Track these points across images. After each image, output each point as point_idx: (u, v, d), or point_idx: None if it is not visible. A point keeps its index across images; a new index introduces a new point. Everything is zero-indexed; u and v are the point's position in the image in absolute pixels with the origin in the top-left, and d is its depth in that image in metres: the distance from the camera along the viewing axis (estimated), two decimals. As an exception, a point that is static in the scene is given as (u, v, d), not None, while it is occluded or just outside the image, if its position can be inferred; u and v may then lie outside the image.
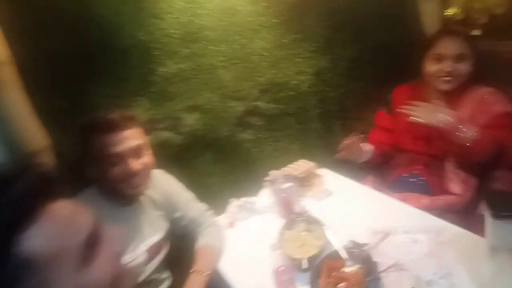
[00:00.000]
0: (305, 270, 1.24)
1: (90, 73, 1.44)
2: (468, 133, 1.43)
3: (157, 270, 1.40)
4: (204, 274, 1.30)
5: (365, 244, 1.28)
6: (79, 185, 1.26)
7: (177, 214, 1.45)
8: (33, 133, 1.34)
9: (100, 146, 1.16)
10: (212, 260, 1.39)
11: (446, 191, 1.65)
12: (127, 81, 1.50)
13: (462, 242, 1.24)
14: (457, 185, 1.63)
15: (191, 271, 1.30)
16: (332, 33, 1.87)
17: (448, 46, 1.53)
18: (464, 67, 1.53)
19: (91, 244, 0.53)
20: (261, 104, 1.80)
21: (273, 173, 1.71)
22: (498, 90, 1.57)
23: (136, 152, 1.21)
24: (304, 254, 1.29)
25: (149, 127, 1.58)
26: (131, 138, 1.20)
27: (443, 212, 1.56)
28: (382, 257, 1.24)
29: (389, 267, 1.19)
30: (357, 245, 1.28)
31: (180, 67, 1.58)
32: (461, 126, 1.44)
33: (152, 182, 1.39)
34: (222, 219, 1.63)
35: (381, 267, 1.20)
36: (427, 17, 2.15)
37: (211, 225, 1.49)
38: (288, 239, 1.39)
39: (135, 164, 1.20)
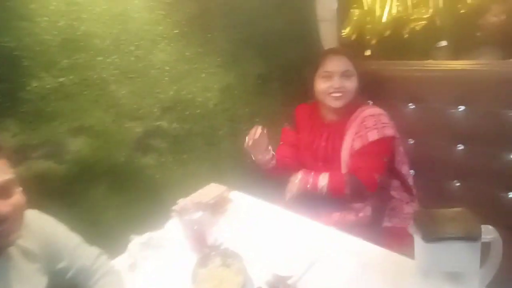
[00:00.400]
0: (226, 316, 1.05)
1: None
2: (321, 183, 1.57)
3: None
4: None
5: (289, 277, 1.14)
6: None
7: (61, 265, 1.14)
8: None
9: None
10: None
11: (352, 207, 1.65)
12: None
13: (388, 263, 1.18)
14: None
15: None
16: (238, 48, 1.76)
17: (335, 64, 1.63)
18: (351, 84, 1.63)
19: None
20: (163, 123, 1.58)
21: (181, 202, 1.50)
22: (383, 110, 1.66)
23: (1, 191, 0.91)
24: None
25: (19, 156, 1.25)
26: None
27: (356, 226, 1.55)
28: (308, 287, 1.12)
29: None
30: (280, 279, 1.13)
31: (60, 81, 1.29)
32: (310, 180, 1.58)
33: (24, 228, 1.07)
34: (121, 261, 1.35)
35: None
36: (326, 37, 2.19)
37: (107, 273, 1.21)
38: (204, 279, 1.19)
39: (2, 206, 0.90)
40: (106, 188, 1.44)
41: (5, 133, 1.21)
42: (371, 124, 1.59)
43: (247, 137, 1.60)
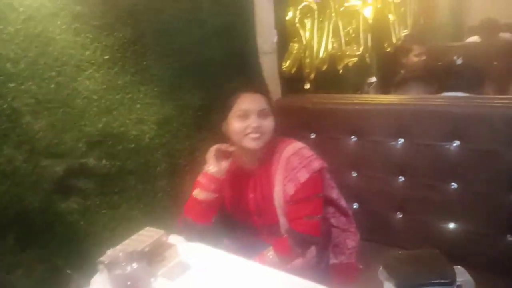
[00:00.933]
0: None
1: None
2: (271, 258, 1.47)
3: None
4: None
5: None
6: None
7: None
8: None
9: None
10: None
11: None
12: None
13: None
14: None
15: None
16: (176, 78, 1.62)
17: (251, 102, 1.51)
18: (268, 123, 1.51)
19: None
20: (90, 160, 1.35)
21: (111, 252, 1.28)
22: (300, 142, 1.59)
23: None
24: None
25: None
26: None
27: (303, 269, 1.46)
28: None
29: None
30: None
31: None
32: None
33: None
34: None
35: None
36: (267, 69, 2.16)
37: None
38: None
39: None
40: (15, 241, 1.17)
41: None
42: (296, 163, 1.50)
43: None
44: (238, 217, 1.63)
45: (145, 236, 1.45)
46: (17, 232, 1.19)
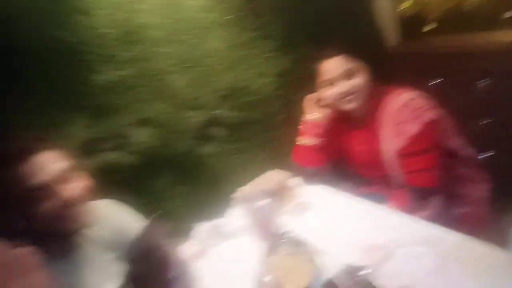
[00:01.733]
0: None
1: (3, 85, 1.09)
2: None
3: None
4: None
5: (362, 267, 1.04)
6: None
7: None
8: None
9: (15, 183, 0.87)
10: None
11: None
12: (53, 93, 1.17)
13: (472, 253, 1.04)
14: None
15: None
16: (293, 30, 1.66)
17: (332, 68, 1.42)
18: (357, 81, 1.41)
19: None
20: (222, 112, 1.53)
21: (243, 190, 1.45)
22: (419, 92, 1.43)
23: (62, 177, 0.93)
24: (295, 285, 1.03)
25: (89, 149, 1.26)
26: (50, 163, 0.92)
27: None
28: (384, 280, 1.01)
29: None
30: (353, 270, 1.03)
31: (121, 74, 1.28)
32: None
33: (96, 218, 1.08)
34: (188, 247, 1.33)
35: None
36: (382, 13, 2.03)
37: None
38: (273, 268, 1.13)
39: (67, 191, 0.92)
40: (171, 177, 1.43)
41: (74, 126, 1.22)
42: (406, 116, 1.38)
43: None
44: (348, 168, 1.63)
45: (271, 177, 1.60)
46: (172, 171, 1.44)
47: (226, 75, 1.52)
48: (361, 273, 1.02)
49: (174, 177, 1.43)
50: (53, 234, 0.94)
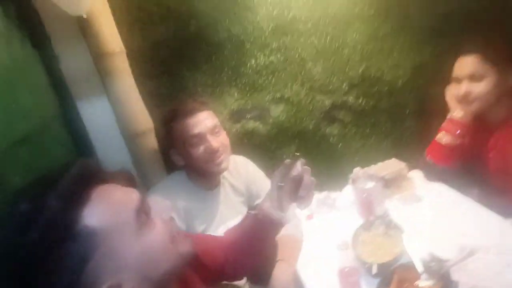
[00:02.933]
0: (374, 276, 1.15)
1: (189, 62, 1.53)
2: None
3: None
4: (291, 264, 1.28)
5: (447, 260, 1.13)
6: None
7: (258, 201, 1.47)
8: (140, 116, 1.50)
9: (181, 131, 1.26)
10: (296, 250, 1.36)
11: None
12: (220, 71, 1.56)
13: None
14: None
15: (277, 259, 1.28)
16: (437, 23, 1.65)
17: (462, 67, 1.40)
18: (481, 88, 1.37)
19: (142, 215, 0.62)
20: (350, 98, 1.70)
21: (357, 171, 1.62)
22: None
23: (212, 131, 1.28)
24: (376, 259, 1.20)
25: (238, 117, 1.64)
26: (206, 119, 1.27)
27: None
28: (464, 277, 1.08)
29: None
30: (436, 260, 1.13)
31: (270, 60, 1.58)
32: None
33: (234, 169, 1.44)
34: (300, 212, 1.60)
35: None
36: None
37: (293, 216, 1.47)
38: (363, 241, 1.31)
39: (215, 141, 1.27)
40: (295, 149, 1.71)
41: (230, 98, 1.60)
42: None
43: None
44: (478, 173, 1.56)
45: (389, 165, 1.70)
46: (298, 143, 1.71)
47: (359, 65, 1.66)
48: (443, 264, 1.12)
49: (299, 149, 1.70)
50: (202, 171, 1.33)
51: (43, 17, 1.35)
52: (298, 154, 0.91)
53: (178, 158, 1.33)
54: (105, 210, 0.57)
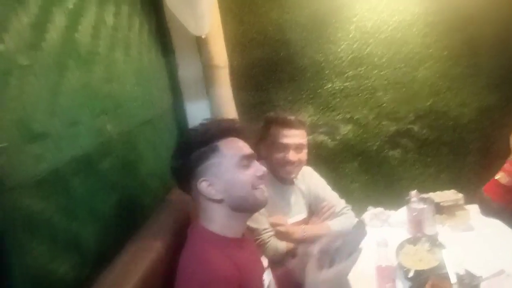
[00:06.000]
0: (409, 279, 1.31)
1: (276, 81, 1.86)
2: None
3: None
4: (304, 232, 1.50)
5: (479, 277, 1.24)
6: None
7: (318, 206, 1.69)
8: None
9: (275, 135, 1.52)
10: (318, 232, 1.54)
11: None
12: (300, 91, 1.86)
13: None
14: None
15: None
16: (506, 71, 1.77)
17: None
18: None
19: (245, 160, 0.98)
20: (415, 128, 1.87)
21: (412, 193, 1.76)
22: None
23: (297, 148, 1.52)
24: (413, 265, 1.35)
25: (310, 130, 1.90)
26: (298, 136, 1.52)
27: None
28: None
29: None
30: (469, 275, 1.25)
31: (345, 85, 1.84)
32: None
33: (302, 176, 1.69)
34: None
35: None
36: None
37: (347, 216, 1.65)
38: (406, 252, 1.45)
39: (294, 156, 1.50)
40: (358, 165, 1.92)
41: (306, 114, 1.88)
42: None
43: None
44: None
45: (446, 194, 1.81)
46: (360, 161, 1.92)
47: (427, 99, 1.84)
48: (474, 279, 1.24)
49: (360, 166, 1.91)
50: (275, 170, 1.60)
51: (172, 33, 1.78)
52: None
53: (264, 151, 1.59)
54: (228, 145, 0.98)
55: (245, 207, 1.01)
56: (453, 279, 1.26)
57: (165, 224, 1.15)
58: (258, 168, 1.01)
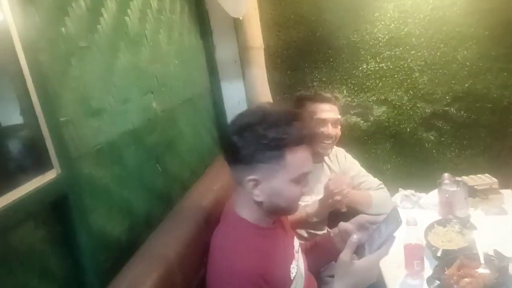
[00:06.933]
0: (438, 258, 1.34)
1: (311, 61, 1.88)
2: None
3: (320, 220, 1.74)
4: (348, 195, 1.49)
5: (509, 258, 1.25)
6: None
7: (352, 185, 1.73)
8: (264, 99, 1.89)
9: (313, 111, 1.55)
10: (360, 199, 1.59)
11: None
12: (335, 71, 1.87)
13: None
14: None
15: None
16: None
17: None
18: None
19: (302, 178, 0.95)
20: (452, 110, 1.84)
21: (444, 175, 1.76)
22: None
23: (335, 122, 1.56)
24: (442, 245, 1.37)
25: (343, 111, 1.92)
26: (334, 111, 1.56)
27: None
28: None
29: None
30: (498, 255, 1.27)
31: (380, 66, 1.83)
32: None
33: (334, 156, 1.73)
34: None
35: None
36: None
37: (382, 189, 1.69)
38: (435, 233, 1.47)
39: (332, 130, 1.55)
40: (391, 147, 1.92)
41: (341, 94, 1.90)
42: None
43: None
44: None
45: (481, 178, 1.80)
46: (393, 143, 1.93)
47: (465, 80, 1.80)
48: (503, 259, 1.26)
49: (393, 148, 1.91)
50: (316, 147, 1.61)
51: (210, 15, 1.84)
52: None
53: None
54: (295, 157, 0.93)
55: (279, 214, 1.04)
56: (482, 260, 1.28)
57: (203, 197, 1.24)
58: (305, 184, 0.99)
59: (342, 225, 1.17)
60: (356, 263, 0.92)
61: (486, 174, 1.79)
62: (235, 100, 1.93)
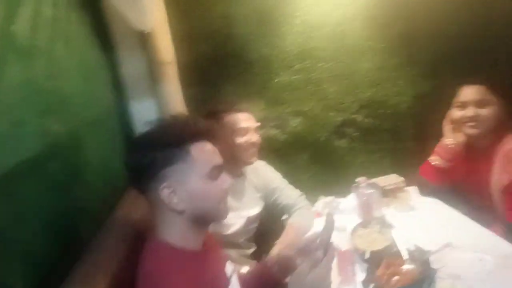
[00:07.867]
0: (366, 261, 1.38)
1: (225, 75, 1.85)
2: None
3: (248, 237, 1.69)
4: (285, 247, 1.50)
5: (428, 251, 1.35)
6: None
7: (273, 198, 1.72)
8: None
9: (233, 122, 1.55)
10: (296, 235, 1.58)
11: None
12: (250, 85, 1.87)
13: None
14: None
15: (275, 242, 1.53)
16: (438, 61, 1.93)
17: (469, 94, 1.61)
18: (486, 112, 1.56)
19: (217, 171, 0.92)
20: (358, 117, 1.97)
21: (360, 180, 1.86)
22: None
23: (255, 130, 1.58)
24: (368, 247, 1.43)
25: (262, 124, 1.92)
26: (252, 119, 1.59)
27: None
28: (442, 265, 1.30)
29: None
30: (419, 250, 1.36)
31: (292, 79, 1.89)
32: None
33: (256, 170, 1.71)
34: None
35: (437, 273, 1.27)
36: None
37: (302, 208, 1.71)
38: (360, 235, 1.53)
39: (256, 137, 1.57)
40: (308, 157, 1.98)
41: (257, 108, 1.89)
42: None
43: None
44: (465, 192, 1.78)
45: (389, 179, 1.94)
46: (310, 153, 1.99)
47: (368, 89, 1.95)
48: (424, 253, 1.34)
49: (311, 157, 1.97)
50: (234, 159, 1.55)
51: (113, 28, 1.69)
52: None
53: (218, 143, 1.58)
54: (200, 151, 0.90)
55: (206, 220, 0.96)
56: (405, 256, 1.36)
57: (120, 234, 1.09)
58: (224, 180, 0.95)
59: (283, 253, 1.14)
60: (309, 274, 0.88)
61: (394, 174, 1.94)
62: (146, 119, 1.78)
